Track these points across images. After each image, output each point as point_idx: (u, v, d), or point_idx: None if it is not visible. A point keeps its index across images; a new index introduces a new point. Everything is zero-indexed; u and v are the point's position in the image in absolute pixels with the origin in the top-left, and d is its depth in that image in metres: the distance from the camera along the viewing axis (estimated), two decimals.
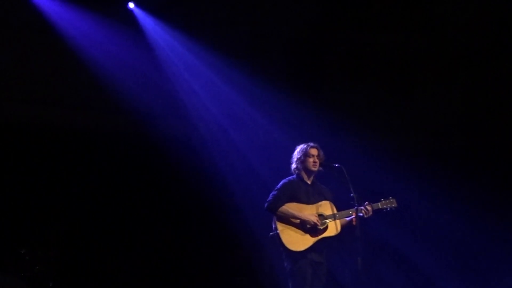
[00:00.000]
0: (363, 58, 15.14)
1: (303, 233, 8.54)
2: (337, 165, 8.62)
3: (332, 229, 8.58)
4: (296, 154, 8.82)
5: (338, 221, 8.60)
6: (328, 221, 8.57)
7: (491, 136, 14.55)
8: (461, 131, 15.14)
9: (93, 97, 13.11)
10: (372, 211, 8.57)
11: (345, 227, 8.62)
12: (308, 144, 8.79)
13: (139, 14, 12.77)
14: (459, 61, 15.09)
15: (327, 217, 8.59)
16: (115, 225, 12.58)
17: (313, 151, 8.73)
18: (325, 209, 8.65)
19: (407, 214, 12.60)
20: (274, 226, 8.62)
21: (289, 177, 8.81)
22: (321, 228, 8.55)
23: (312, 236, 8.54)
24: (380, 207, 8.67)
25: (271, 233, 8.68)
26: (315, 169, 8.68)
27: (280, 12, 14.32)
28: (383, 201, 8.70)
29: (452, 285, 12.65)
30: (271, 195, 8.68)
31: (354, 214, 8.46)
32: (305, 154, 8.73)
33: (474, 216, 13.05)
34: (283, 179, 8.84)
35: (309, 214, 8.55)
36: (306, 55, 14.82)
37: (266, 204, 8.66)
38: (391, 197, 8.75)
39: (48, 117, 12.98)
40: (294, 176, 8.80)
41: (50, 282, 10.87)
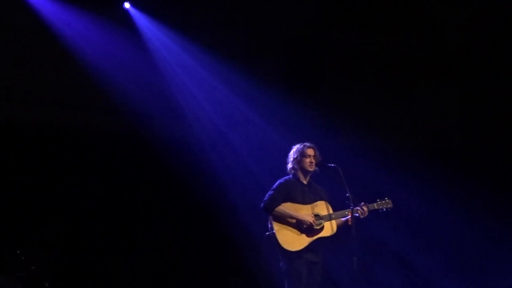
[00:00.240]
0: (361, 59, 15.15)
1: (299, 233, 8.54)
2: (333, 165, 8.62)
3: (328, 229, 8.58)
4: (292, 154, 8.82)
5: (334, 221, 8.61)
6: (324, 221, 8.57)
7: (489, 136, 14.55)
8: (459, 131, 15.15)
9: (89, 97, 13.11)
10: (368, 211, 8.57)
11: (340, 227, 8.63)
12: (304, 144, 8.78)
13: (135, 14, 12.78)
14: (458, 61, 15.10)
15: (323, 217, 8.59)
16: (111, 225, 12.57)
17: (309, 151, 8.73)
18: (321, 209, 8.65)
19: (404, 214, 12.61)
20: (270, 226, 8.62)
21: (285, 177, 8.81)
22: (317, 228, 8.55)
23: (308, 236, 8.54)
24: (376, 207, 8.68)
25: (267, 233, 8.67)
26: (311, 169, 8.68)
27: (278, 12, 14.33)
28: (379, 202, 8.72)
29: (450, 285, 12.66)
30: (267, 195, 8.68)
31: (350, 214, 8.46)
32: (301, 154, 8.72)
33: (472, 216, 13.05)
34: (279, 179, 8.84)
35: (305, 214, 8.55)
36: (304, 56, 14.82)
37: (262, 204, 8.66)
38: (387, 198, 8.77)
39: (44, 117, 12.97)
40: (290, 176, 8.80)
41: (46, 282, 10.86)
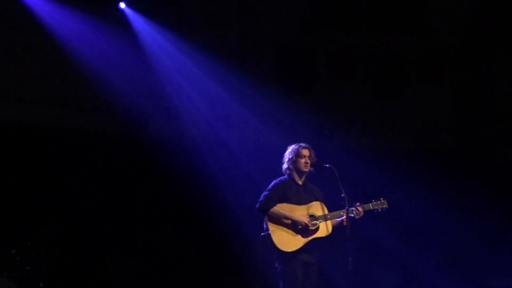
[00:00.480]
0: (354, 59, 15.18)
1: (294, 233, 8.51)
2: (328, 165, 8.60)
3: (323, 229, 8.56)
4: (287, 154, 8.78)
5: (329, 222, 8.57)
6: (319, 222, 8.56)
7: (482, 136, 14.60)
8: (452, 131, 15.20)
9: (83, 96, 13.11)
10: (363, 212, 8.54)
11: (336, 228, 8.61)
12: (299, 145, 8.74)
13: (130, 14, 12.78)
14: (450, 62, 15.15)
15: (318, 217, 8.57)
16: (106, 225, 12.56)
17: (304, 151, 8.69)
18: (316, 209, 8.62)
19: (399, 215, 12.62)
20: (265, 227, 8.59)
21: (280, 178, 8.78)
22: (312, 228, 8.52)
23: (303, 236, 8.51)
24: (371, 208, 8.65)
25: (262, 234, 8.66)
26: (306, 169, 8.65)
27: (271, 13, 14.35)
28: (374, 202, 8.68)
29: (446, 285, 12.69)
30: (262, 196, 8.65)
31: (345, 215, 8.45)
32: (296, 154, 8.69)
33: (467, 216, 13.08)
34: (274, 180, 8.83)
35: (300, 215, 8.52)
36: (298, 56, 14.84)
37: (258, 204, 8.63)
38: (382, 198, 8.73)
39: (38, 116, 12.97)
40: (286, 176, 8.77)
41: (41, 282, 10.84)
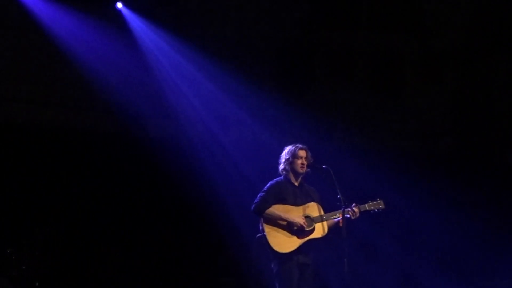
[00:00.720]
0: (352, 59, 15.17)
1: (290, 235, 8.52)
2: (325, 166, 8.60)
3: (319, 230, 8.56)
4: (284, 155, 8.78)
5: (325, 223, 8.58)
6: (315, 223, 8.56)
7: (480, 137, 14.60)
8: (450, 131, 15.19)
9: (81, 96, 13.10)
10: (359, 212, 8.55)
11: (332, 229, 8.61)
12: (296, 146, 8.75)
13: (127, 14, 12.78)
14: (448, 62, 15.14)
15: (314, 218, 8.57)
16: (102, 225, 12.56)
17: (301, 152, 8.69)
18: (312, 210, 8.62)
19: (395, 215, 12.62)
20: (261, 228, 8.60)
21: (277, 179, 8.78)
22: (308, 229, 8.53)
23: (299, 237, 8.52)
24: (368, 208, 8.64)
25: (258, 235, 8.66)
26: (302, 171, 8.66)
27: (269, 13, 14.33)
28: (370, 203, 8.67)
29: (440, 286, 12.69)
30: (258, 197, 8.66)
31: (341, 216, 8.45)
32: (293, 155, 8.69)
33: (463, 217, 13.09)
34: (270, 181, 8.82)
35: (296, 216, 8.53)
36: (295, 56, 14.84)
37: (253, 206, 8.64)
38: (378, 199, 8.73)
39: (35, 116, 12.96)
40: (282, 177, 8.78)
41: (36, 281, 10.84)
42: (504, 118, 14.50)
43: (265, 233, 8.53)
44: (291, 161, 8.68)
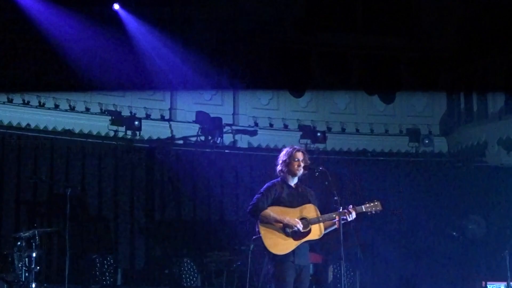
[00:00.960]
0: (347, 61, 15.20)
1: (285, 236, 8.50)
2: (321, 168, 8.59)
3: (316, 232, 8.55)
4: (281, 156, 8.76)
5: (321, 225, 8.57)
6: (311, 225, 8.55)
7: (474, 140, 14.62)
8: (445, 134, 15.23)
9: (77, 97, 13.09)
10: (356, 214, 8.54)
11: (328, 231, 8.61)
12: (294, 148, 8.73)
13: (124, 15, 12.78)
14: (443, 65, 15.19)
15: (310, 220, 8.55)
16: (99, 227, 12.55)
17: (298, 155, 8.67)
18: (308, 212, 8.61)
19: (392, 217, 12.64)
20: (257, 230, 8.59)
21: (273, 180, 8.77)
22: (303, 231, 8.52)
23: (295, 239, 8.50)
24: (364, 210, 8.62)
25: (254, 237, 8.66)
26: (299, 173, 8.65)
27: (265, 15, 14.36)
28: (367, 204, 8.65)
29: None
30: (254, 199, 8.64)
31: (338, 218, 8.44)
32: (290, 157, 8.67)
33: (457, 219, 13.12)
34: (267, 182, 8.81)
35: (292, 218, 8.50)
36: (291, 57, 14.86)
37: (249, 207, 8.61)
38: (375, 200, 8.71)
39: (32, 117, 12.95)
40: (279, 179, 8.77)
41: (33, 283, 10.82)
42: (498, 119, 14.55)
43: (261, 234, 8.52)
44: (288, 163, 8.67)
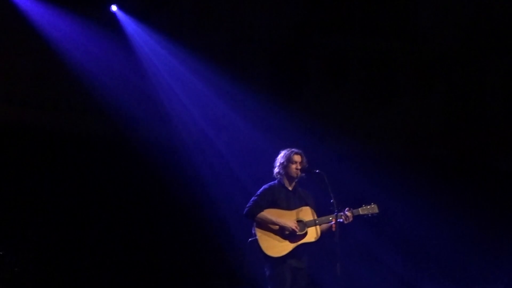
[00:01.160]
0: (345, 64, 15.17)
1: (282, 239, 8.52)
2: (318, 171, 8.60)
3: (312, 235, 8.56)
4: (279, 158, 8.77)
5: (318, 227, 8.57)
6: (308, 227, 8.56)
7: (472, 143, 14.62)
8: (441, 137, 15.21)
9: (74, 99, 13.09)
10: (352, 217, 8.53)
11: (325, 233, 8.62)
12: (292, 150, 8.73)
13: (122, 17, 12.77)
14: (441, 68, 15.17)
15: (306, 223, 8.56)
16: (94, 227, 12.54)
17: (296, 157, 8.68)
18: (305, 214, 8.62)
19: (388, 220, 12.63)
20: (253, 232, 8.61)
21: (270, 183, 8.78)
22: (300, 234, 8.53)
23: (291, 242, 8.52)
24: (361, 213, 8.62)
25: (250, 239, 8.67)
26: (297, 175, 8.65)
27: (263, 17, 14.34)
28: (364, 207, 8.65)
29: None
30: (251, 201, 8.66)
31: (334, 220, 8.45)
32: (288, 159, 8.67)
33: (454, 223, 13.11)
34: (264, 184, 8.82)
35: (288, 220, 8.52)
36: (288, 60, 14.84)
37: (246, 209, 8.63)
38: (372, 203, 8.71)
39: (28, 119, 12.93)
40: (276, 181, 8.78)
41: (29, 284, 10.83)
42: (496, 123, 14.54)
43: (257, 237, 8.53)
44: (285, 165, 8.67)
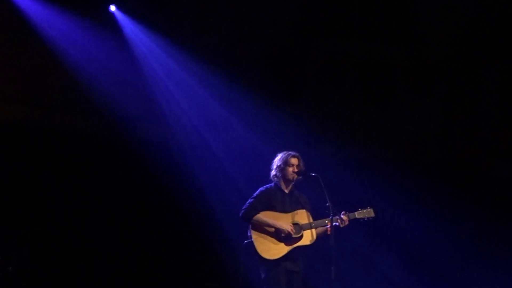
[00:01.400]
0: (342, 67, 15.18)
1: (277, 241, 8.53)
2: (314, 174, 8.60)
3: (308, 238, 8.56)
4: (276, 161, 8.76)
5: (313, 230, 8.58)
6: (304, 230, 8.56)
7: (469, 148, 14.63)
8: (439, 141, 15.22)
9: (72, 99, 13.07)
10: (348, 220, 8.54)
11: (320, 236, 8.62)
12: (289, 153, 8.72)
13: (120, 17, 12.77)
14: (438, 72, 15.17)
15: (302, 226, 8.57)
16: (90, 227, 12.53)
17: (293, 160, 8.67)
18: (301, 217, 8.62)
19: (384, 224, 12.63)
20: (249, 234, 8.61)
21: (266, 185, 8.78)
22: (295, 236, 8.53)
23: (286, 244, 8.52)
24: (357, 217, 8.63)
25: (245, 241, 8.67)
26: (293, 178, 8.65)
27: (260, 19, 14.34)
28: (360, 211, 8.65)
29: None
30: (247, 203, 8.66)
31: (330, 224, 8.45)
32: (285, 162, 8.67)
33: (451, 227, 13.13)
34: (260, 187, 8.82)
35: (284, 223, 8.52)
36: (285, 62, 14.84)
37: (241, 212, 8.64)
38: (369, 207, 8.71)
39: (25, 117, 12.92)
40: (272, 184, 8.78)
41: (23, 282, 10.81)
42: (493, 129, 14.56)
43: (252, 239, 8.53)
44: (282, 168, 8.67)
